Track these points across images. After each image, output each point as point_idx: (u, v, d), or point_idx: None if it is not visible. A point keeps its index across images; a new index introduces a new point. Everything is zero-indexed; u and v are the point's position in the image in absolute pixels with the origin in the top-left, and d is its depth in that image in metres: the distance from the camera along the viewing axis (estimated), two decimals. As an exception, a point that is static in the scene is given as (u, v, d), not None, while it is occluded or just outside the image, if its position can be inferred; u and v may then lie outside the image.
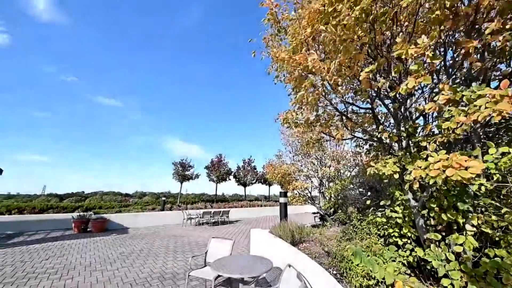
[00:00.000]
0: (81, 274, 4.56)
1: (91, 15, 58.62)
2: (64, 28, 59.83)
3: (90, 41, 62.41)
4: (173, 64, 69.57)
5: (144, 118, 77.70)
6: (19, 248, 6.76)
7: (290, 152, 6.92)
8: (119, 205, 15.32)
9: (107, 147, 76.17)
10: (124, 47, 65.51)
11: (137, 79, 69.88)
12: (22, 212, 11.18)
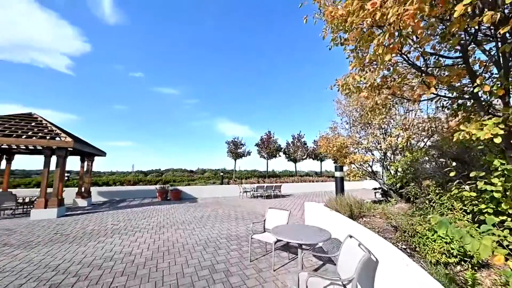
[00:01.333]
0: (169, 231, 5.77)
1: (149, 15, 65.66)
2: (128, 28, 70.19)
3: (150, 38, 71.35)
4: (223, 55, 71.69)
5: (199, 103, 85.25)
6: (125, 210, 9.02)
7: (347, 123, 6.29)
8: (188, 179, 18.03)
9: (172, 131, 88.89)
10: (180, 40, 71.61)
11: (190, 69, 76.33)
12: (122, 184, 14.61)
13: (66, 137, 7.50)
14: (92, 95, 70.74)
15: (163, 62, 72.54)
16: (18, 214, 7.88)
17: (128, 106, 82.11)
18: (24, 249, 4.42)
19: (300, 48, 73.44)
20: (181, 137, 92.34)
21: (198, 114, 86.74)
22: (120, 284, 3.01)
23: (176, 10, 64.00)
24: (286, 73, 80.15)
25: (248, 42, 69.72)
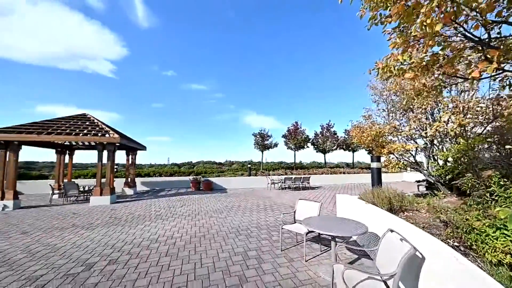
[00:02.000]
0: (203, 218, 6.17)
1: (178, 17, 68.47)
2: (159, 30, 74.56)
3: (179, 38, 74.82)
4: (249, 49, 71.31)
5: (224, 97, 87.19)
6: (165, 198, 9.90)
7: (384, 110, 5.70)
8: (217, 171, 18.86)
9: (201, 125, 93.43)
10: (205, 36, 73.40)
11: (216, 64, 78.05)
12: (160, 175, 15.98)
13: (114, 133, 8.46)
14: (132, 95, 78.20)
15: (191, 59, 75.60)
16: (80, 200, 9.29)
17: (163, 103, 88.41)
18: (87, 229, 5.21)
19: (327, 36, 68.69)
20: (209, 131, 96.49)
21: (224, 108, 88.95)
22: (165, 264, 3.35)
23: (201, 12, 65.35)
24: (312, 61, 76.29)
25: (269, 34, 67.92)
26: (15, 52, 71.34)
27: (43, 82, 71.48)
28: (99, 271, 3.15)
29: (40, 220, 6.06)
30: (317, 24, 67.58)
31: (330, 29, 63.76)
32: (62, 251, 3.87)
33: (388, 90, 5.14)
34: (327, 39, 69.39)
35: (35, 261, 3.49)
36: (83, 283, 2.81)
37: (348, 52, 65.08)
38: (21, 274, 3.06)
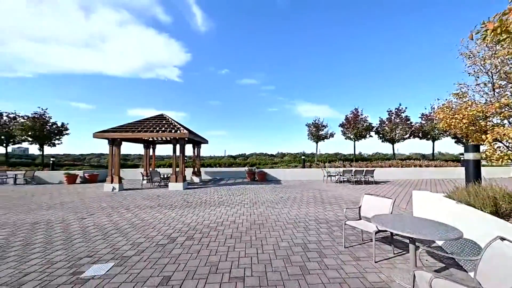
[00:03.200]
0: (260, 207, 6.45)
1: (231, 15, 71.88)
2: (214, 32, 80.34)
3: (231, 36, 78.72)
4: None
5: (275, 89, 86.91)
6: (225, 187, 10.87)
7: (486, 85, 4.27)
8: (271, 163, 19.25)
9: (253, 118, 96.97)
10: (255, 33, 74.70)
11: (266, 57, 78.31)
12: (220, 166, 17.58)
13: (184, 130, 9.82)
14: (194, 95, 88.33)
15: (242, 55, 78.48)
16: (162, 185, 11.31)
17: (220, 100, 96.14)
18: (169, 209, 6.30)
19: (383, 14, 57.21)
20: (261, 123, 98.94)
21: (275, 100, 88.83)
22: (231, 245, 3.70)
23: (253, 5, 66.11)
24: (377, 41, 65.77)
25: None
26: (109, 68, 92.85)
27: (130, 91, 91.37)
28: (180, 244, 3.77)
29: (136, 200, 7.74)
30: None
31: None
32: (153, 225, 4.83)
33: (496, 57, 3.79)
34: (384, 16, 58.11)
35: (135, 231, 4.49)
36: (170, 253, 3.44)
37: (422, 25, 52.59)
38: (128, 240, 4.01)
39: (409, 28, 59.91)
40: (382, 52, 67.11)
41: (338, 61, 70.26)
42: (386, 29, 61.35)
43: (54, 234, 4.32)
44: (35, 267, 3.01)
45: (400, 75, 68.62)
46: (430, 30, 53.53)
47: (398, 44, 64.78)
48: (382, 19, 59.33)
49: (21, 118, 16.92)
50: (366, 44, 66.85)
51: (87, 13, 67.29)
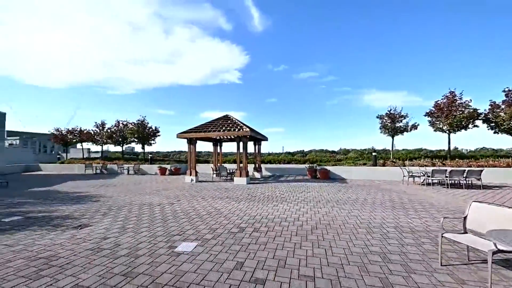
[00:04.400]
0: (325, 207, 6.09)
1: (288, 12, 71.06)
2: (271, 30, 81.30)
3: (287, 30, 77.55)
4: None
5: (336, 80, 79.44)
6: (285, 184, 10.89)
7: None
8: (334, 160, 17.89)
9: (311, 113, 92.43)
10: (312, 22, 70.54)
11: (326, 46, 72.62)
12: (279, 163, 17.71)
13: (246, 128, 10.47)
14: (252, 95, 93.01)
15: (299, 49, 76.02)
16: (228, 179, 12.47)
17: (277, 98, 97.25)
18: (236, 201, 6.87)
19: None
20: (320, 118, 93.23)
21: (336, 91, 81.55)
22: (297, 242, 3.66)
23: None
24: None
25: None
26: (184, 79, 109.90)
27: (200, 96, 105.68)
28: (249, 234, 4.03)
29: (209, 191, 8.84)
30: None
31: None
32: (224, 214, 5.38)
33: None
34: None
35: (211, 218, 5.12)
36: (240, 241, 3.73)
37: None
38: (206, 225, 4.62)
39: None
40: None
41: (418, 39, 57.05)
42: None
43: (155, 214, 5.49)
44: (144, 238, 3.91)
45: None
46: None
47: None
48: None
49: (130, 124, 22.42)
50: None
51: (166, 35, 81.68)
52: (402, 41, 59.77)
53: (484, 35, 51.74)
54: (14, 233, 4.16)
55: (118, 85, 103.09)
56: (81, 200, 7.32)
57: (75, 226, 4.55)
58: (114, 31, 76.18)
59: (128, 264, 2.98)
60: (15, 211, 5.88)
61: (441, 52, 59.44)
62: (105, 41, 78.85)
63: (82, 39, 75.76)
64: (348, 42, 66.25)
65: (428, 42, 59.29)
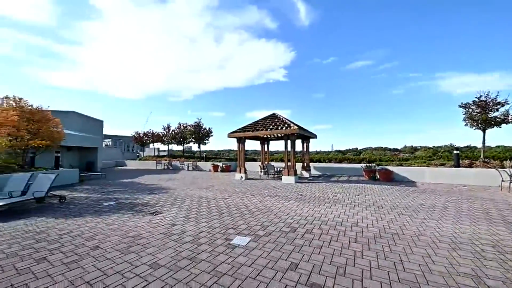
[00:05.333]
0: (390, 213, 5.31)
1: (337, 2, 65.57)
2: (317, 23, 76.33)
3: (336, 21, 71.09)
4: None
5: (398, 65, 67.67)
6: (337, 184, 10.09)
7: None
8: (397, 159, 15.53)
9: (365, 106, 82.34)
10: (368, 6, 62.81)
11: (384, 32, 63.19)
12: (330, 162, 16.59)
13: (294, 126, 10.23)
14: (298, 91, 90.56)
15: (350, 38, 69.18)
16: (275, 177, 12.49)
17: (323, 93, 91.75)
18: (285, 200, 6.79)
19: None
20: (376, 112, 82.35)
21: (398, 79, 70.27)
22: (357, 250, 3.31)
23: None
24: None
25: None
26: (232, 82, 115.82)
27: (247, 97, 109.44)
28: (301, 235, 3.89)
29: (258, 188, 9.05)
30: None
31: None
32: (274, 212, 5.39)
33: None
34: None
35: (261, 215, 5.21)
36: (292, 241, 3.64)
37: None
38: (258, 221, 4.72)
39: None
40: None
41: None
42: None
43: (211, 207, 5.99)
44: (204, 228, 4.30)
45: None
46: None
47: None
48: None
49: (188, 126, 25.30)
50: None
51: (217, 43, 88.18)
52: (491, 7, 46.25)
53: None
54: (111, 215, 5.27)
55: (179, 93, 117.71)
56: (154, 190, 8.69)
57: (151, 212, 5.42)
58: (175, 46, 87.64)
59: (192, 250, 3.33)
60: (110, 197, 7.47)
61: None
62: (168, 56, 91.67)
63: (151, 57, 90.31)
64: (414, 16, 55.77)
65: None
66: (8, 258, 3.07)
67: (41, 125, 10.03)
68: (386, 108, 78.95)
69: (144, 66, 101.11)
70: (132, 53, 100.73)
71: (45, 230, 4.22)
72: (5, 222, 4.69)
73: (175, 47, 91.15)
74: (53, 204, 6.30)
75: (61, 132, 10.97)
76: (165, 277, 2.59)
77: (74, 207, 6.05)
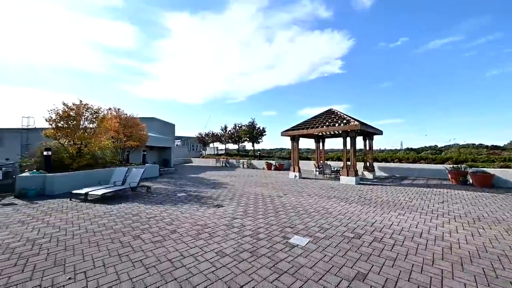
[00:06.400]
0: (492, 228, 4.10)
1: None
2: (382, 2, 65.67)
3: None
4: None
5: (504, 37, 50.08)
6: (412, 188, 8.53)
7: None
8: (500, 159, 11.88)
9: (447, 94, 65.47)
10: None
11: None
12: (400, 161, 14.23)
13: (355, 121, 9.29)
14: (358, 83, 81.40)
15: (425, 14, 56.80)
16: (332, 178, 11.66)
17: (392, 81, 79.33)
18: (346, 202, 6.24)
19: None
20: (464, 99, 64.91)
21: (503, 54, 53.05)
22: (445, 269, 2.70)
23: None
24: None
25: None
26: (283, 80, 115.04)
27: (298, 94, 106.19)
28: (368, 243, 3.49)
29: (313, 188, 8.68)
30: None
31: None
32: (334, 215, 5.03)
33: None
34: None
35: (319, 216, 4.96)
36: (358, 248, 3.31)
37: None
38: (316, 223, 4.52)
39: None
40: None
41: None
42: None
43: (266, 204, 6.14)
44: (261, 224, 4.45)
45: None
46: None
47: None
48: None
49: (243, 126, 26.78)
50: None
51: (270, 43, 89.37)
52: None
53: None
54: (183, 205, 6.14)
55: (234, 94, 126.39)
56: (215, 185, 9.61)
57: (214, 205, 6.01)
58: (230, 51, 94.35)
59: (252, 244, 3.50)
60: (182, 189, 8.72)
61: None
62: (224, 61, 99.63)
63: (210, 64, 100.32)
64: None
65: None
66: (115, 233, 4.02)
67: (133, 129, 12.70)
68: (478, 93, 59.95)
69: (204, 73, 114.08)
70: (195, 63, 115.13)
71: (138, 213, 5.31)
72: (112, 204, 6.16)
73: (230, 52, 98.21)
74: (142, 193, 7.87)
75: (146, 135, 13.59)
76: (230, 265, 2.82)
77: (156, 196, 7.37)
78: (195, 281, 2.48)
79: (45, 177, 7.58)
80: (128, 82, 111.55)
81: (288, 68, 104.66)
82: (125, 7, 59.03)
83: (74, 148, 9.07)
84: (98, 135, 9.80)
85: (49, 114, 8.74)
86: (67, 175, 8.12)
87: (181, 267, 2.79)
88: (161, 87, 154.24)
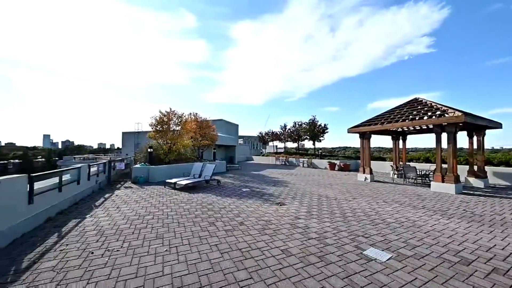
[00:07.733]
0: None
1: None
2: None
3: None
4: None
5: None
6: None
7: None
8: None
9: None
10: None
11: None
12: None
13: (455, 112, 7.19)
14: (455, 63, 62.47)
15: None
16: (418, 183, 9.50)
17: (509, 55, 57.11)
18: (442, 216, 4.91)
19: None
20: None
21: None
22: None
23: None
24: None
25: None
26: (349, 70, 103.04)
27: (368, 85, 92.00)
28: (483, 274, 2.58)
29: (391, 194, 7.31)
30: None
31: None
32: (425, 230, 4.04)
33: None
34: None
35: (403, 229, 4.09)
36: (467, 278, 2.49)
37: None
38: (399, 236, 3.75)
39: None
40: None
41: None
42: None
43: (332, 207, 5.62)
44: (328, 228, 4.08)
45: None
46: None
47: None
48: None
49: (303, 124, 25.96)
50: None
51: (333, 32, 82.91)
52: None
53: None
54: (247, 200, 6.47)
55: (293, 93, 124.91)
56: (276, 183, 9.68)
57: (277, 203, 6.03)
58: (290, 48, 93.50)
59: (319, 248, 3.25)
60: (246, 185, 9.26)
61: None
62: (285, 60, 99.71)
63: (270, 65, 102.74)
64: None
65: None
66: (196, 218, 4.64)
67: (207, 130, 14.53)
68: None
69: (265, 75, 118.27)
70: (257, 66, 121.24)
71: (212, 203, 5.97)
72: (192, 194, 7.20)
73: (290, 49, 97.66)
74: (213, 185, 8.85)
75: (216, 135, 15.29)
76: (297, 267, 2.70)
77: (225, 189, 8.12)
78: (264, 275, 2.51)
79: (149, 169, 9.84)
80: (202, 90, 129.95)
81: (356, 57, 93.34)
82: (198, 26, 68.59)
83: (166, 146, 11.41)
84: (182, 136, 11.85)
85: (151, 120, 11.34)
86: (162, 168, 10.29)
87: (250, 258, 2.90)
88: (227, 91, 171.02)
